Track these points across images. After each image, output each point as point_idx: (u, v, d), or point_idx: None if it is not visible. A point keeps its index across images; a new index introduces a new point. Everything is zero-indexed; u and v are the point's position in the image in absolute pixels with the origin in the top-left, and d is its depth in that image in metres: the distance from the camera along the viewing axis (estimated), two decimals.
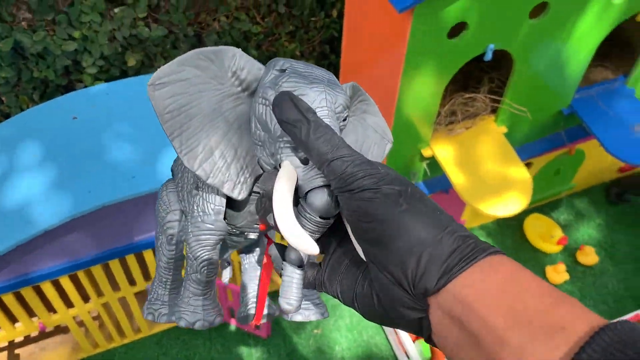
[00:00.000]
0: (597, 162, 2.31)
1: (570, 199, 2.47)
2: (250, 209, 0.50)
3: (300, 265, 0.43)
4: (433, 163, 1.88)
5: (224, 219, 0.50)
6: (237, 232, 0.52)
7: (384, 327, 2.05)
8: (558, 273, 2.21)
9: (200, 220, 0.50)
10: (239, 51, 0.46)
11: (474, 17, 1.46)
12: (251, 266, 0.61)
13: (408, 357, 1.89)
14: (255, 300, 0.60)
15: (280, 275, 0.44)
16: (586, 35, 1.69)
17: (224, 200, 0.50)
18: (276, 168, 0.43)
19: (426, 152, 1.83)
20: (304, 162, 0.41)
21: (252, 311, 0.59)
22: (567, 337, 0.31)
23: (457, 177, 1.77)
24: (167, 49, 1.88)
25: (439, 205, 0.39)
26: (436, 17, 1.40)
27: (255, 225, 0.51)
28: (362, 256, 0.41)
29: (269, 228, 0.51)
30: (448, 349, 0.36)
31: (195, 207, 0.50)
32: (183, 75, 0.44)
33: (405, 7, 1.31)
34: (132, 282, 1.76)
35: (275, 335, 2.02)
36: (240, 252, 0.62)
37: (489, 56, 1.57)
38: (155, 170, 1.43)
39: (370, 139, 0.51)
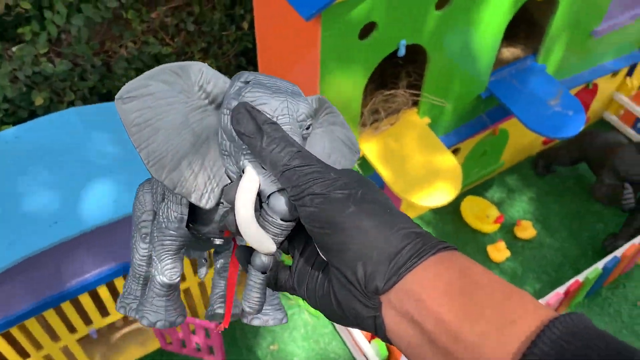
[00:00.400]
0: (520, 138, 2.38)
1: (500, 177, 2.54)
2: (217, 217, 0.51)
3: (263, 271, 0.45)
4: (364, 162, 1.88)
5: (190, 226, 0.53)
6: (204, 237, 0.54)
7: (339, 331, 2.05)
8: (499, 251, 2.26)
9: (164, 226, 0.52)
10: (205, 65, 0.48)
11: (381, 15, 1.46)
12: (221, 266, 0.63)
13: (366, 358, 1.89)
14: (223, 300, 0.62)
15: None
16: (492, 18, 1.73)
17: (187, 210, 0.52)
18: (241, 176, 0.45)
19: None
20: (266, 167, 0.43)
21: (220, 310, 0.62)
22: (518, 331, 0.32)
23: (387, 173, 1.78)
24: (75, 82, 1.80)
25: (393, 204, 0.40)
26: (344, 20, 1.40)
27: (221, 232, 0.53)
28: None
29: (234, 234, 0.53)
30: (403, 346, 0.37)
31: (161, 213, 0.53)
32: (150, 89, 0.46)
33: (311, 14, 1.30)
34: (72, 329, 1.68)
35: (231, 358, 1.98)
36: (213, 251, 0.64)
37: (402, 52, 1.59)
38: (77, 213, 1.37)
39: (338, 150, 0.54)
